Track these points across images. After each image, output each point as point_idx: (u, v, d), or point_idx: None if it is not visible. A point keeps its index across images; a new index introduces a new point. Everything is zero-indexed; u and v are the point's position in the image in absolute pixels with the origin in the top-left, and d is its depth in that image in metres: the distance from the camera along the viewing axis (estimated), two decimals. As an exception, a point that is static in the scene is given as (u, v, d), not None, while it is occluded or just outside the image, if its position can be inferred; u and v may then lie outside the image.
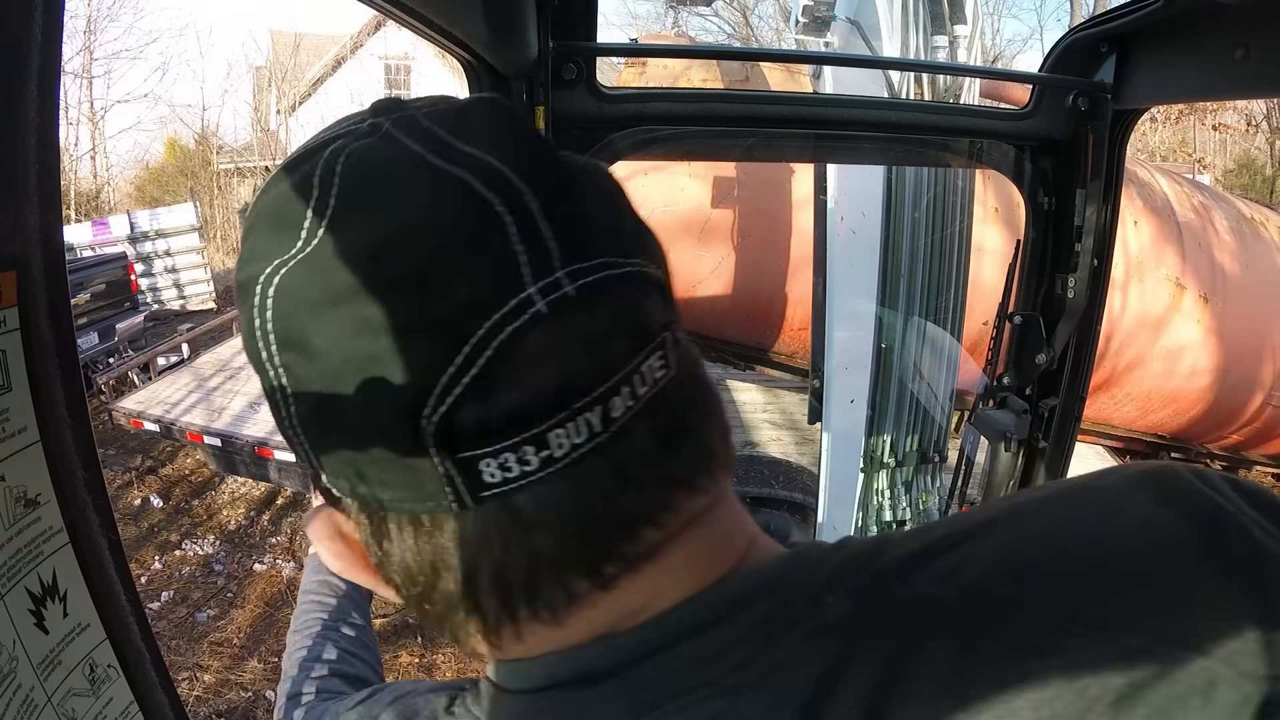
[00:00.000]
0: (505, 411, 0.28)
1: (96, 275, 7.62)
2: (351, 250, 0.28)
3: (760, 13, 17.29)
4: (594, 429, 0.29)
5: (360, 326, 0.28)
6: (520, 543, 0.30)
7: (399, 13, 0.75)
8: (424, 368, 0.27)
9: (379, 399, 0.28)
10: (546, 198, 0.29)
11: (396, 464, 0.29)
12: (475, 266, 0.28)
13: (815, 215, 2.87)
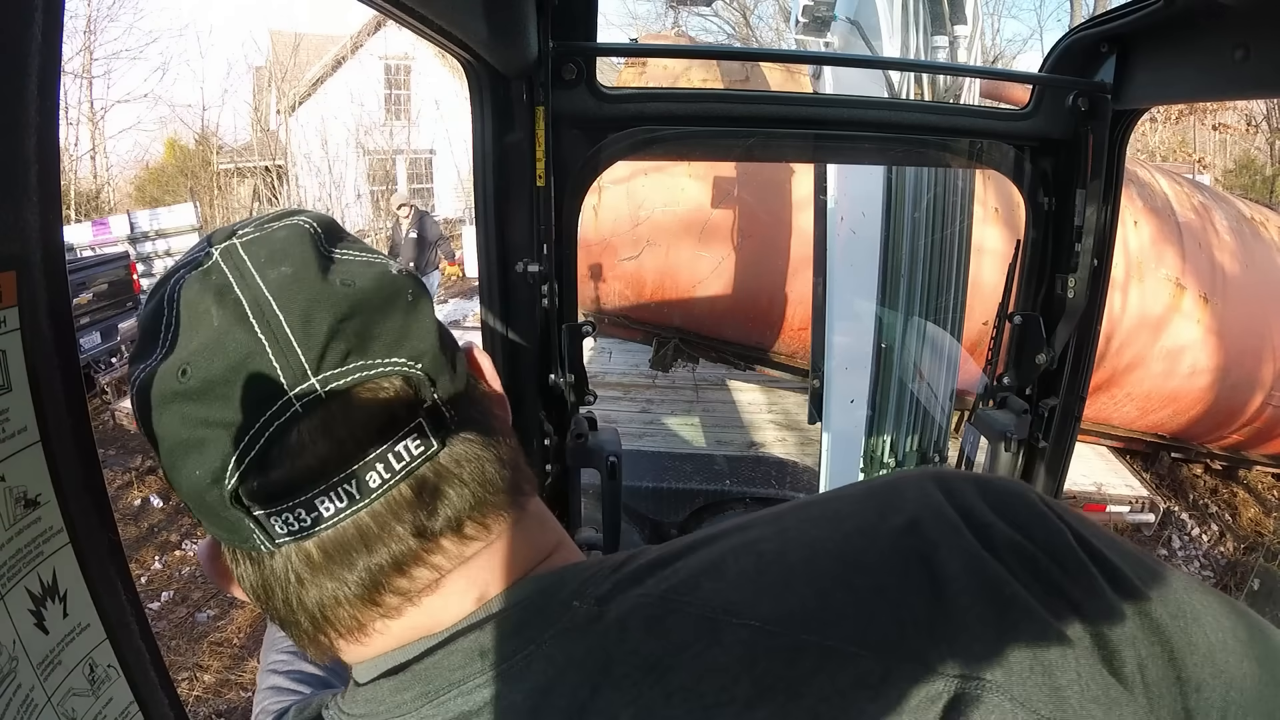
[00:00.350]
0: (279, 483, 0.37)
1: (99, 275, 7.62)
2: (173, 367, 0.37)
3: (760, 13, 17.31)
4: (354, 498, 0.38)
5: (180, 420, 0.38)
6: (313, 579, 0.39)
7: (399, 13, 0.75)
8: (220, 451, 0.37)
9: (195, 471, 0.38)
10: (300, 320, 0.37)
11: (219, 516, 0.38)
12: (247, 378, 0.37)
13: (815, 215, 2.87)
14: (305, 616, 0.40)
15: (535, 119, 1.06)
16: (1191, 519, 5.49)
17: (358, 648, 0.42)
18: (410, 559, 0.40)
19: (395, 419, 0.38)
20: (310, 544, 0.38)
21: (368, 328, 0.39)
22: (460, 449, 0.41)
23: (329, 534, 0.38)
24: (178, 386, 0.37)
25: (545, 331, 1.17)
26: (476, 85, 1.04)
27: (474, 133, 1.08)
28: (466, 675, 0.39)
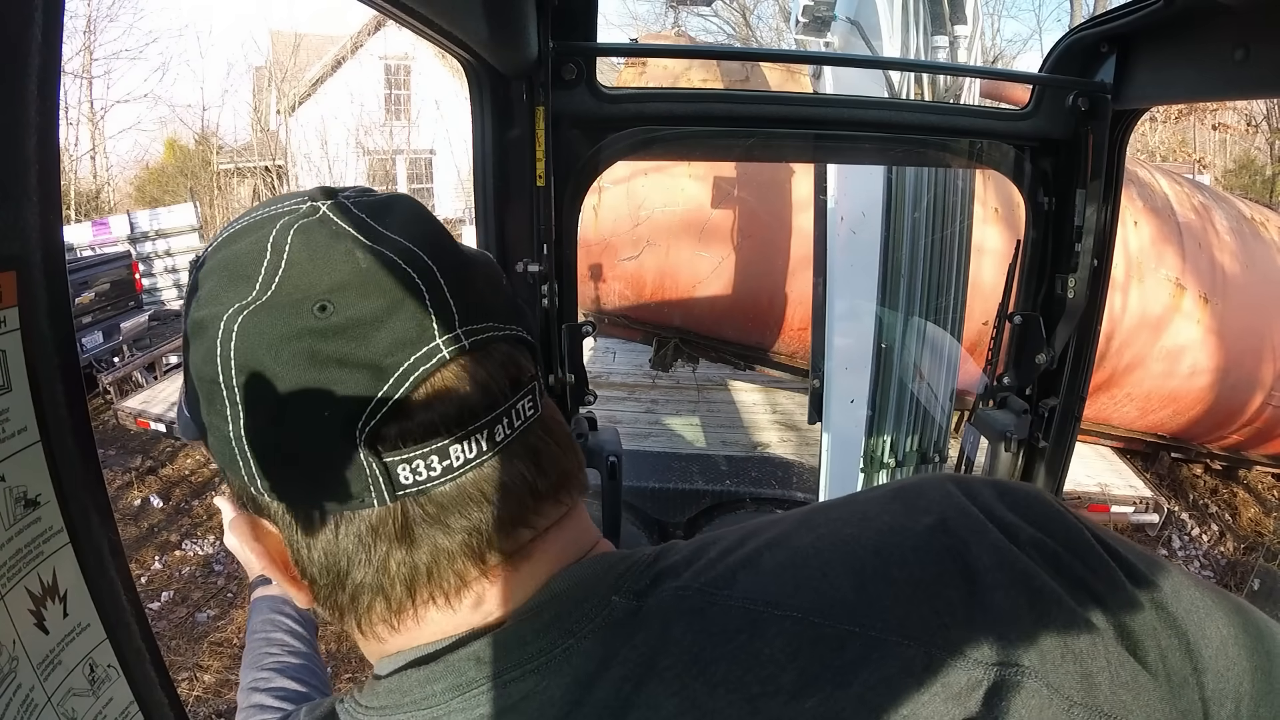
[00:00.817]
0: (417, 428, 0.37)
1: (101, 274, 7.62)
2: (303, 300, 0.36)
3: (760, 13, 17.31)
4: (482, 448, 0.38)
5: (309, 358, 0.36)
6: (427, 534, 0.38)
7: (399, 13, 0.75)
8: (359, 392, 0.36)
9: (324, 413, 0.36)
10: (450, 275, 0.39)
11: (334, 467, 0.37)
12: (398, 321, 0.37)
13: (815, 215, 2.87)
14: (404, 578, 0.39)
15: (535, 119, 1.06)
16: (1191, 519, 5.49)
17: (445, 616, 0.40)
18: (519, 518, 0.40)
19: (520, 378, 0.40)
20: (427, 497, 0.38)
21: (494, 294, 0.41)
22: (552, 421, 0.43)
23: (450, 487, 0.38)
24: (312, 323, 0.36)
25: (545, 331, 1.17)
26: (476, 85, 1.04)
27: (474, 133, 1.08)
28: (504, 667, 0.39)
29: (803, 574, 0.39)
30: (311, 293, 0.36)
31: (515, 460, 0.40)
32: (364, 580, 0.39)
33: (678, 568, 0.41)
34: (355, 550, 0.39)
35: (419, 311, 0.37)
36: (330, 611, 0.42)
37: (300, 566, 0.41)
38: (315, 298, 0.36)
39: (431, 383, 0.37)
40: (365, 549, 0.39)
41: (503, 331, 0.40)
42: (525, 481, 0.40)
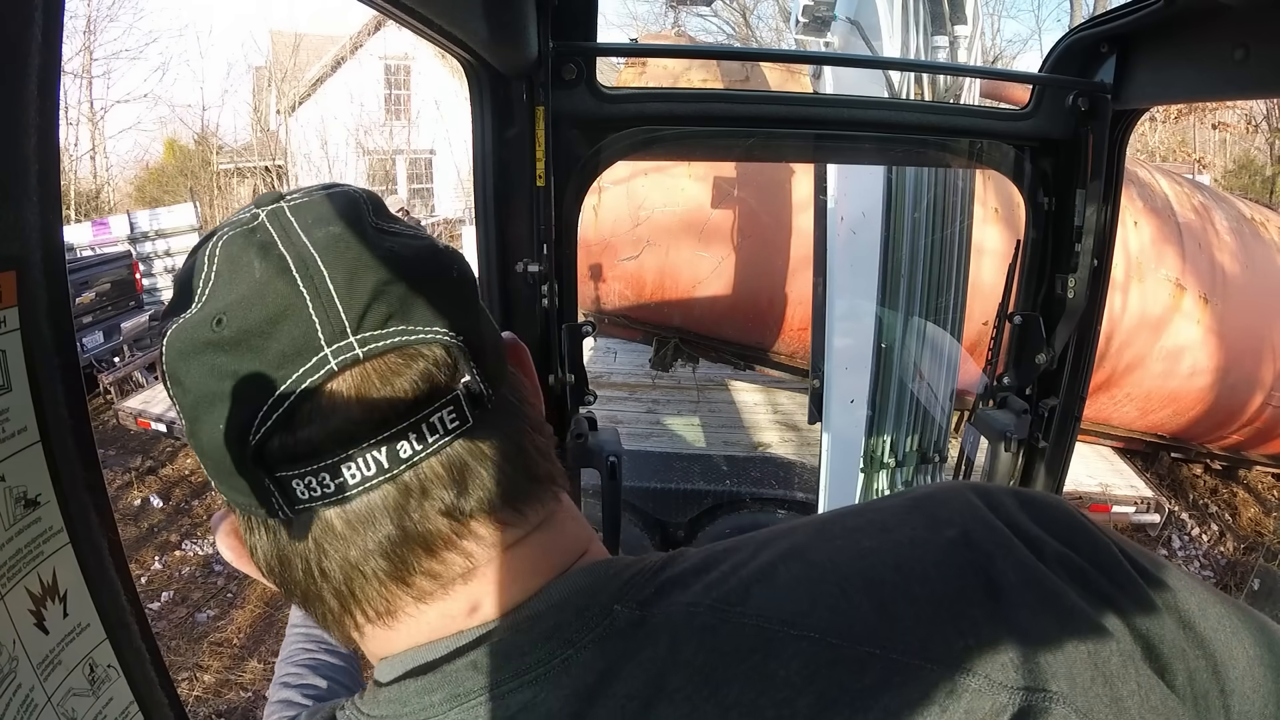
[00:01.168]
0: (305, 444, 0.36)
1: (101, 274, 7.62)
2: (208, 316, 0.36)
3: (760, 13, 17.30)
4: (382, 466, 0.36)
5: (209, 371, 0.36)
6: (335, 550, 0.37)
7: (399, 13, 0.75)
8: (247, 404, 0.35)
9: (220, 425, 0.36)
10: (345, 277, 0.36)
11: (237, 477, 0.37)
12: (285, 331, 0.35)
13: (815, 215, 2.87)
14: (330, 591, 0.38)
15: (535, 119, 1.06)
16: (1191, 519, 5.49)
17: (386, 634, 0.40)
18: (440, 540, 0.38)
19: (433, 389, 0.37)
20: (332, 513, 0.37)
21: (412, 294, 0.38)
22: (496, 431, 0.39)
23: (353, 504, 0.36)
24: (210, 336, 0.36)
25: (545, 331, 1.17)
26: (476, 85, 1.04)
27: (474, 133, 1.08)
28: (499, 679, 0.37)
29: (820, 590, 0.38)
30: (216, 305, 0.36)
31: (430, 478, 0.37)
32: (303, 588, 0.39)
33: (686, 578, 0.39)
34: (284, 556, 0.39)
35: (305, 320, 0.35)
36: (296, 606, 0.42)
37: (255, 563, 0.41)
38: (216, 310, 0.36)
39: (319, 397, 0.35)
40: (290, 557, 0.38)
41: (417, 335, 0.37)
42: (440, 502, 0.37)
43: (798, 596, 0.37)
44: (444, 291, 0.39)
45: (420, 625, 0.39)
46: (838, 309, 2.68)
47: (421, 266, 0.39)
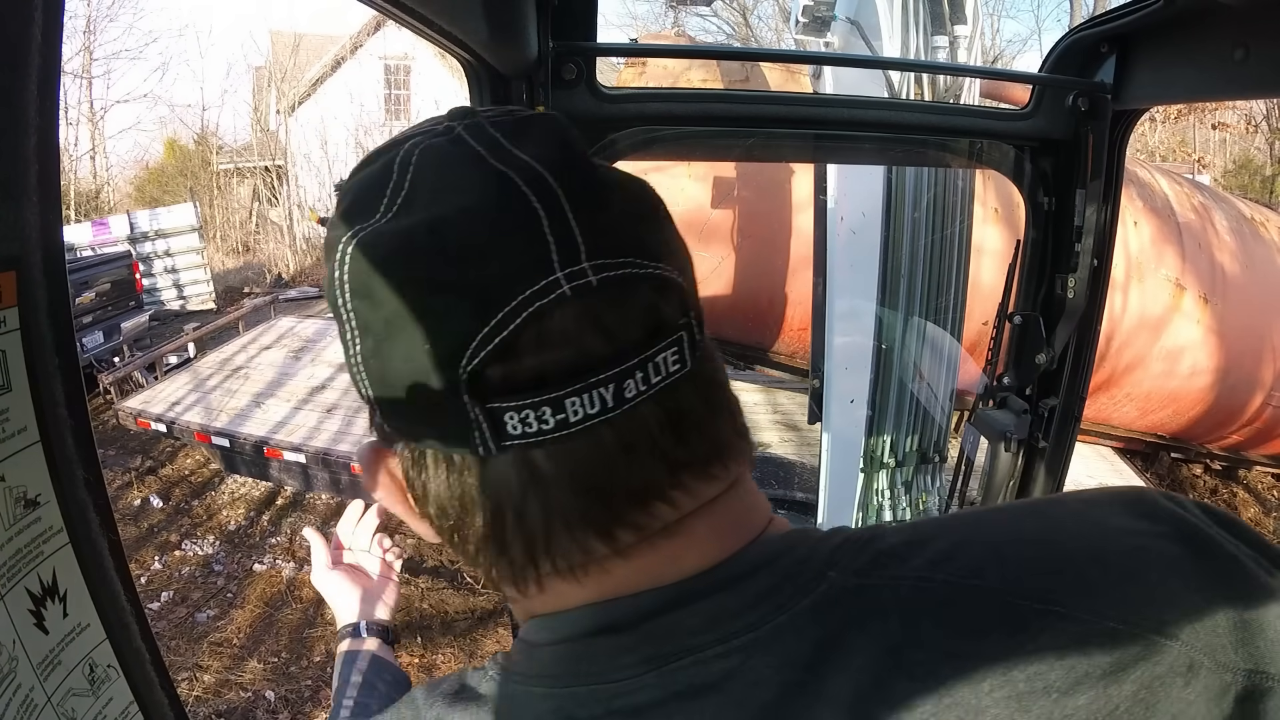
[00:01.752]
0: (528, 373, 0.33)
1: (101, 274, 7.63)
2: (416, 224, 0.33)
3: (760, 13, 17.30)
4: (606, 404, 0.33)
5: (416, 284, 0.33)
6: (537, 494, 0.34)
7: (399, 13, 0.75)
8: (464, 324, 0.32)
9: (424, 345, 0.33)
10: (578, 201, 0.34)
11: (435, 406, 0.34)
12: (512, 248, 0.33)
13: (815, 215, 2.87)
14: (521, 540, 0.35)
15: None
16: (1191, 519, 5.49)
17: (568, 589, 0.37)
18: (651, 490, 0.35)
19: (660, 326, 0.34)
20: (539, 453, 0.34)
21: (637, 226, 0.35)
22: (707, 380, 0.37)
23: (567, 444, 0.33)
24: (425, 244, 0.33)
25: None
26: (476, 85, 1.04)
27: (474, 133, 1.08)
28: (706, 641, 0.35)
29: (1052, 567, 0.36)
30: (427, 216, 0.33)
31: (648, 422, 0.34)
32: (482, 534, 0.36)
33: (900, 551, 0.37)
34: (465, 499, 0.36)
35: (537, 240, 0.33)
36: (458, 557, 0.39)
37: (420, 507, 0.38)
38: (429, 221, 0.33)
39: (547, 323, 0.32)
40: (475, 500, 0.35)
41: (644, 270, 0.34)
42: (658, 448, 0.35)
43: (1032, 572, 0.36)
44: (658, 228, 0.37)
45: (610, 580, 0.37)
46: (838, 309, 2.68)
47: (641, 200, 0.37)
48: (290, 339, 6.68)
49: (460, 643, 4.10)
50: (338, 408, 5.25)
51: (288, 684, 3.83)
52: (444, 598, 4.48)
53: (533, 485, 0.34)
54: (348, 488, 4.95)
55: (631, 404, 0.34)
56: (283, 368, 6.01)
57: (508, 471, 0.34)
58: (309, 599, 4.50)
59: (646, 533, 0.36)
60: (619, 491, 0.35)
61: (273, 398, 5.43)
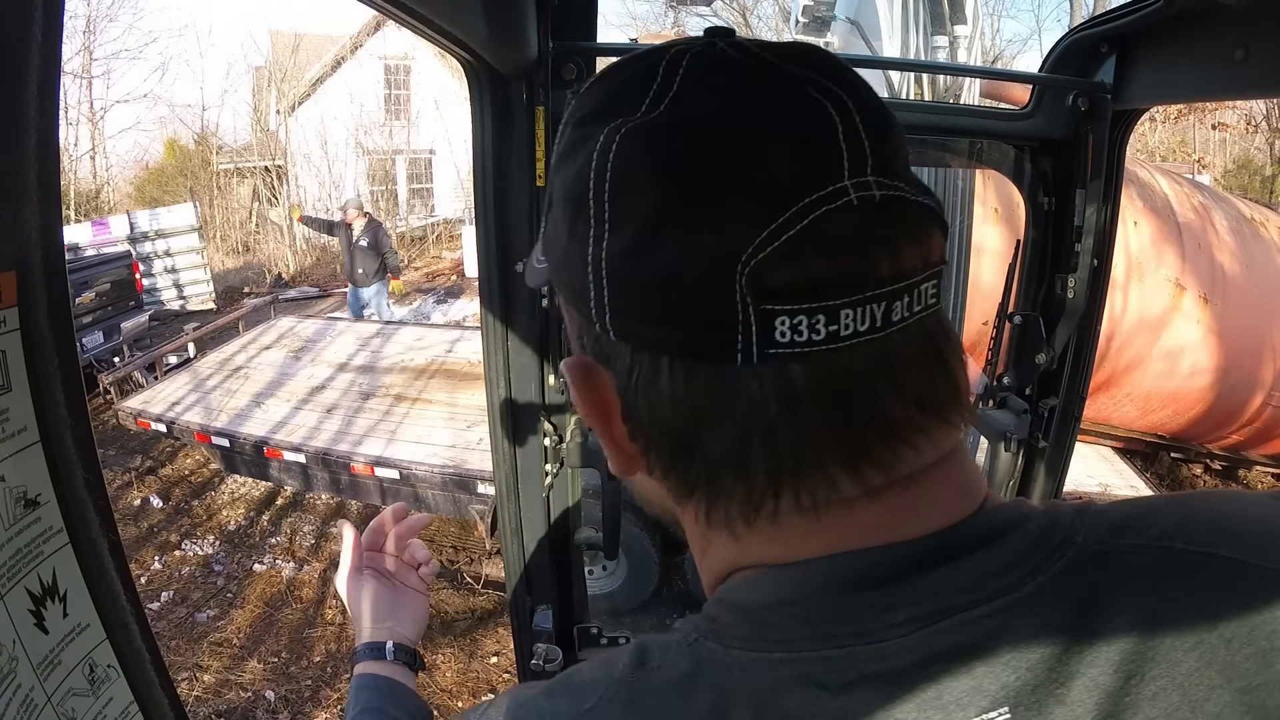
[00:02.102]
0: (808, 277, 0.31)
1: (101, 274, 7.62)
2: (694, 119, 0.32)
3: (760, 13, 17.31)
4: (875, 322, 0.32)
5: (694, 179, 0.32)
6: (789, 413, 0.32)
7: (399, 13, 0.75)
8: (747, 221, 0.31)
9: (702, 239, 0.31)
10: (867, 116, 0.33)
11: (698, 305, 0.32)
12: (803, 150, 0.32)
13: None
14: (765, 464, 0.33)
15: (535, 119, 1.06)
16: (1191, 519, 5.48)
17: (803, 533, 0.34)
18: (900, 429, 0.33)
19: (928, 257, 0.34)
20: (798, 368, 0.32)
21: (906, 154, 0.35)
22: (945, 324, 0.36)
23: (825, 362, 0.32)
24: (709, 138, 0.32)
25: (545, 332, 1.17)
26: (476, 85, 1.04)
27: (474, 133, 1.08)
28: (970, 600, 0.33)
29: None
30: (704, 113, 0.32)
31: (905, 352, 0.33)
32: (719, 454, 0.34)
33: (1133, 523, 0.36)
34: (707, 412, 0.33)
35: (828, 144, 0.32)
36: (675, 487, 0.37)
37: (634, 425, 0.36)
38: (706, 118, 0.32)
39: (831, 228, 0.31)
40: (721, 414, 0.33)
41: (919, 198, 0.34)
42: (911, 382, 0.33)
43: (1262, 546, 0.35)
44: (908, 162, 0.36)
45: (850, 527, 0.34)
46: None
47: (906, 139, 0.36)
48: (290, 339, 6.68)
49: (460, 643, 4.10)
50: (338, 408, 5.24)
51: (288, 684, 3.83)
52: (444, 598, 4.48)
53: (787, 403, 0.32)
54: (347, 487, 4.94)
55: (896, 328, 0.32)
56: (283, 368, 6.01)
57: (763, 385, 0.32)
58: (309, 599, 4.50)
59: (892, 476, 0.34)
60: (869, 423, 0.33)
61: (273, 398, 5.43)
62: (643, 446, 0.36)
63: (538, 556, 1.32)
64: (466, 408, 5.09)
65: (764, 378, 0.32)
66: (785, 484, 0.34)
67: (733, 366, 0.32)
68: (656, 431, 0.35)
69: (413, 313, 10.33)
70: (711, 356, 0.32)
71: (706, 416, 0.33)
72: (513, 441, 1.24)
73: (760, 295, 0.31)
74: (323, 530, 5.27)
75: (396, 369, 5.89)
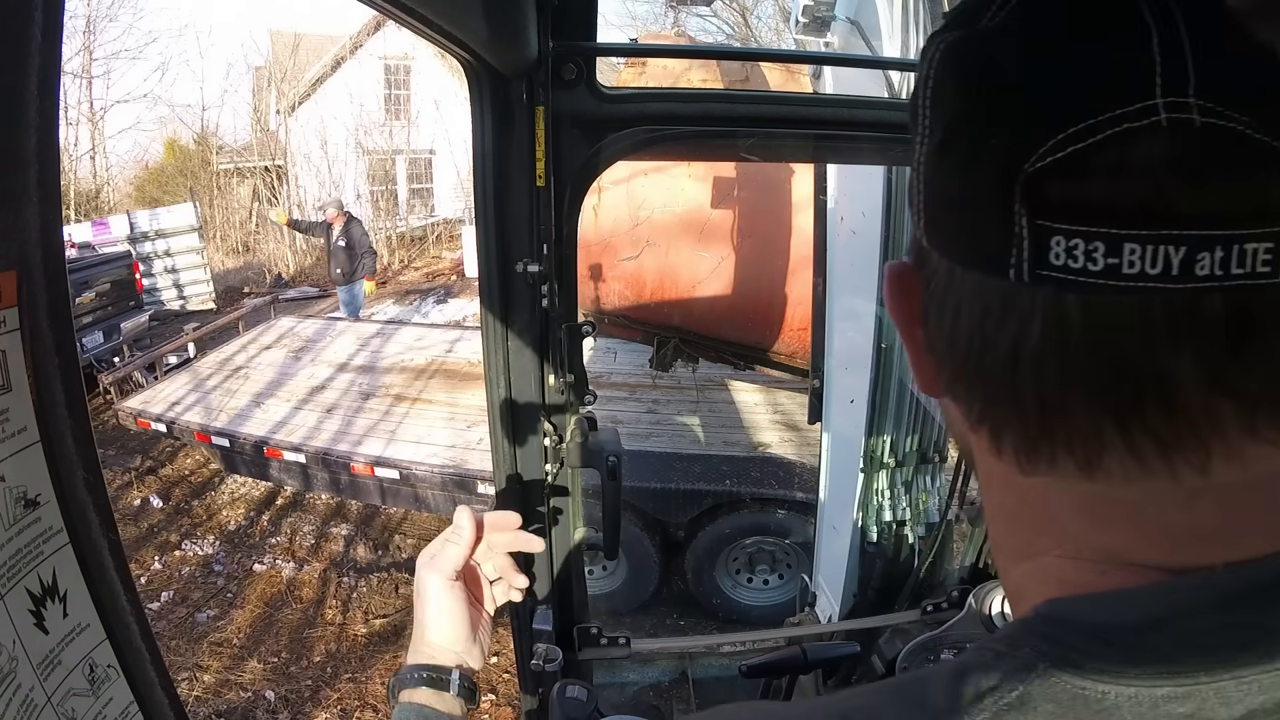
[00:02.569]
0: (1090, 199, 0.28)
1: (101, 274, 7.63)
2: (1003, 29, 0.31)
3: (760, 13, 17.29)
4: (1170, 269, 0.27)
5: (993, 85, 0.30)
6: (1059, 344, 0.29)
7: (399, 13, 0.75)
8: (1036, 128, 0.29)
9: (989, 145, 0.30)
10: (1196, 25, 0.28)
11: (982, 211, 0.30)
12: (1110, 57, 0.29)
13: (815, 215, 2.87)
14: (1032, 396, 0.31)
15: (535, 119, 1.06)
16: (1191, 519, 5.49)
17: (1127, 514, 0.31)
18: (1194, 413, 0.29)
19: (1263, 209, 0.27)
20: (1073, 299, 0.29)
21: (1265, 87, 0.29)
22: None
23: (1106, 298, 0.28)
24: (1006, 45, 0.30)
25: (545, 331, 1.17)
26: (476, 85, 1.04)
27: (474, 133, 1.08)
28: None
29: None
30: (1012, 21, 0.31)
31: (1208, 322, 0.27)
32: (995, 377, 0.31)
33: None
34: (983, 326, 0.31)
35: (1140, 55, 0.28)
36: (964, 410, 0.34)
37: (929, 335, 0.35)
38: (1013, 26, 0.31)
39: (1131, 149, 0.27)
40: (995, 329, 0.31)
41: (1257, 137, 0.27)
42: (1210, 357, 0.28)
43: None
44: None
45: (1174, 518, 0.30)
46: (838, 309, 2.68)
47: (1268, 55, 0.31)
48: (290, 339, 6.68)
49: (460, 643, 4.10)
50: (338, 408, 5.25)
51: (288, 684, 3.83)
52: (444, 598, 4.48)
53: (1058, 331, 0.29)
54: (347, 487, 4.94)
55: (1199, 285, 0.27)
56: (283, 368, 6.01)
57: (1034, 307, 0.29)
58: (309, 599, 4.51)
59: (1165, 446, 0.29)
60: (1147, 384, 0.29)
61: (273, 398, 5.43)
62: (936, 360, 0.35)
63: (538, 556, 1.32)
64: (466, 408, 5.10)
65: (1036, 299, 0.29)
66: (1056, 426, 0.31)
67: (1007, 281, 0.30)
68: (944, 345, 0.34)
69: (412, 312, 10.33)
70: (990, 268, 0.30)
71: (982, 331, 0.31)
72: (513, 441, 1.24)
73: (1036, 208, 0.29)
74: (323, 530, 5.27)
75: (396, 369, 5.90)
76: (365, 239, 8.19)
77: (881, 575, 2.52)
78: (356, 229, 8.06)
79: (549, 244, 1.12)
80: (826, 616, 2.60)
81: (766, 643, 2.37)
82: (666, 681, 3.24)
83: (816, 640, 1.57)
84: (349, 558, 4.92)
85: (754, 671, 1.50)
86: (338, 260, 7.95)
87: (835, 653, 1.50)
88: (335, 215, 7.99)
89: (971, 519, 1.66)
